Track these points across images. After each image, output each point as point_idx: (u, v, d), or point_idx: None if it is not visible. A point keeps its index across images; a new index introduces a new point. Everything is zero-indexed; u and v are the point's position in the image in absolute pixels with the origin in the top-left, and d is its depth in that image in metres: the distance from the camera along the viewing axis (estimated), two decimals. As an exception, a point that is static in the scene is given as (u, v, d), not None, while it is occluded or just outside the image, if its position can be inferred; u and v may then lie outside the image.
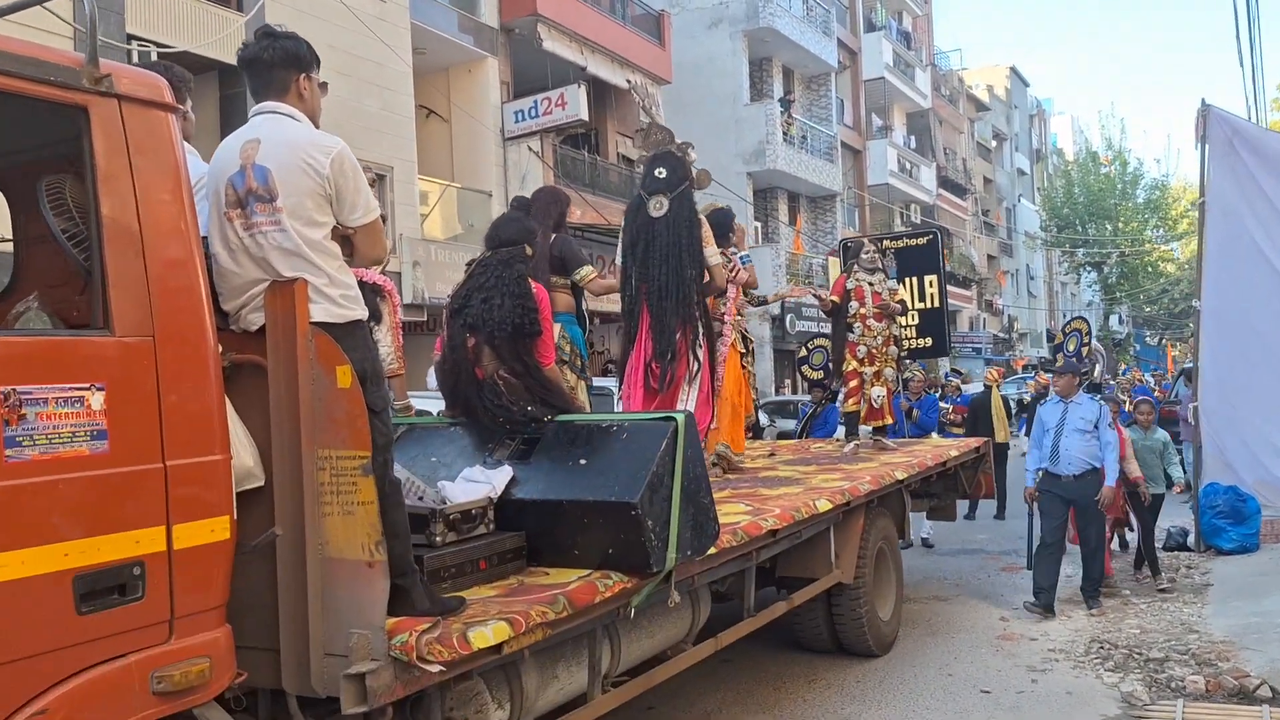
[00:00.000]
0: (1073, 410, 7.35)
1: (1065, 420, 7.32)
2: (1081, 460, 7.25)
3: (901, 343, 8.69)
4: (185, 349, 2.48)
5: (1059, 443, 7.30)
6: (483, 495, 3.76)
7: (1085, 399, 7.50)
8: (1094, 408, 7.37)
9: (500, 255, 4.29)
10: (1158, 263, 46.61)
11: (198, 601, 2.47)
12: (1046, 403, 7.65)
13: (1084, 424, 7.26)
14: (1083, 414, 7.31)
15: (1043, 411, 7.55)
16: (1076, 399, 7.42)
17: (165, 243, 2.47)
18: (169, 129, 2.55)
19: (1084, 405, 7.39)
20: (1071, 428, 7.28)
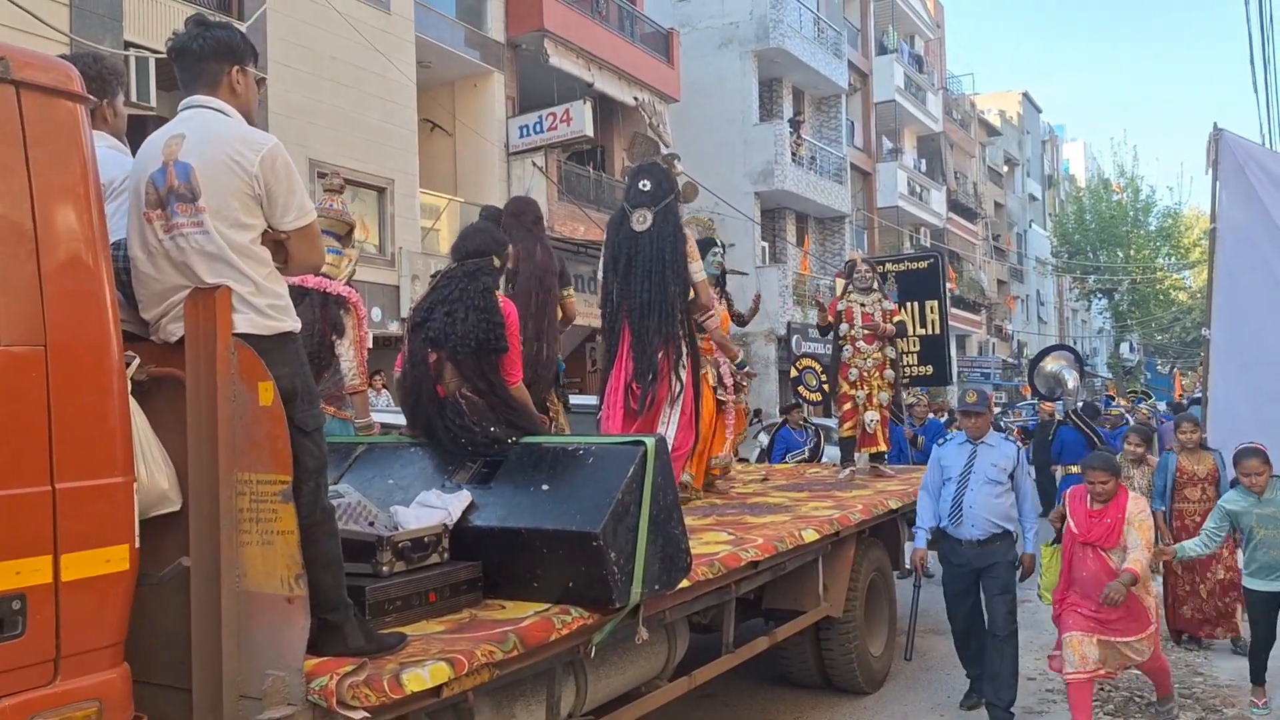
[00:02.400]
0: (983, 455, 5.54)
1: (973, 467, 5.53)
2: (987, 521, 5.47)
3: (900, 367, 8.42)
4: (84, 361, 2.26)
5: (962, 496, 5.53)
6: (437, 522, 3.52)
7: (1000, 440, 5.67)
8: (1010, 450, 5.60)
9: (466, 267, 4.07)
10: (1169, 291, 46.26)
11: (89, 639, 2.24)
12: (948, 443, 5.88)
13: (996, 472, 5.50)
14: (995, 459, 5.53)
15: (942, 454, 5.76)
16: (989, 439, 5.59)
17: (64, 244, 2.25)
18: (76, 121, 2.33)
19: (998, 448, 5.57)
20: (980, 477, 5.50)
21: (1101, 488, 5.13)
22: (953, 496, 5.54)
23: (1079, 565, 5.21)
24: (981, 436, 5.55)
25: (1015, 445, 5.68)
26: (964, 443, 5.63)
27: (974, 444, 5.57)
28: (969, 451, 5.57)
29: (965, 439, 5.63)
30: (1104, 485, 5.13)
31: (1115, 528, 5.12)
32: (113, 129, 2.95)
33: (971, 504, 5.48)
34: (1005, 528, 5.50)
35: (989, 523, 5.45)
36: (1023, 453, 5.71)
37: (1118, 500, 5.17)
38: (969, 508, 5.48)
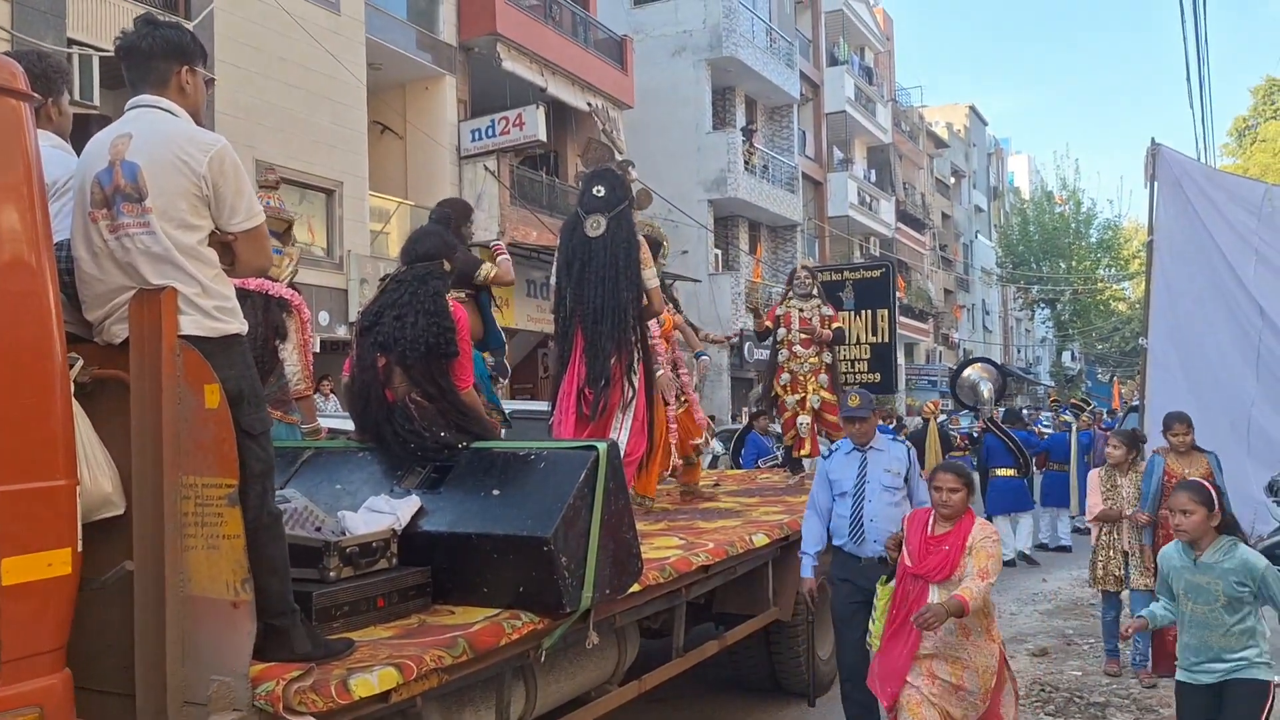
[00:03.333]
0: (874, 461, 4.95)
1: (866, 476, 4.92)
2: (890, 533, 4.75)
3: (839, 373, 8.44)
4: (25, 362, 2.22)
5: (861, 510, 4.87)
6: (386, 527, 3.50)
7: (888, 442, 5.11)
8: (900, 452, 5.06)
9: (416, 270, 4.05)
10: (1110, 301, 47.30)
11: (29, 644, 2.20)
12: (833, 454, 5.19)
13: (890, 478, 4.92)
14: (887, 463, 4.95)
15: (830, 467, 5.07)
16: (877, 443, 5.00)
17: (6, 244, 2.21)
18: (19, 119, 2.29)
19: (888, 451, 5.00)
20: (876, 485, 4.91)
21: (950, 496, 4.24)
22: (850, 512, 4.87)
23: (905, 604, 4.24)
24: (869, 441, 4.98)
25: (905, 445, 5.18)
26: (851, 451, 5.00)
27: (862, 451, 4.96)
28: (859, 460, 4.95)
29: (852, 447, 5.00)
30: (952, 494, 4.23)
31: (953, 557, 4.18)
32: (57, 128, 2.90)
33: (872, 516, 4.83)
34: None
35: (890, 534, 4.75)
36: (913, 452, 5.18)
37: (962, 524, 4.28)
38: (870, 521, 4.83)
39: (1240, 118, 35.31)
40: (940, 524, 4.31)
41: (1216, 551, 3.93)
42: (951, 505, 4.26)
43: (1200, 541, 3.95)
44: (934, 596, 4.14)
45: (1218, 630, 3.89)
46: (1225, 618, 3.87)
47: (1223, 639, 3.88)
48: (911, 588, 4.26)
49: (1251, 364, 8.99)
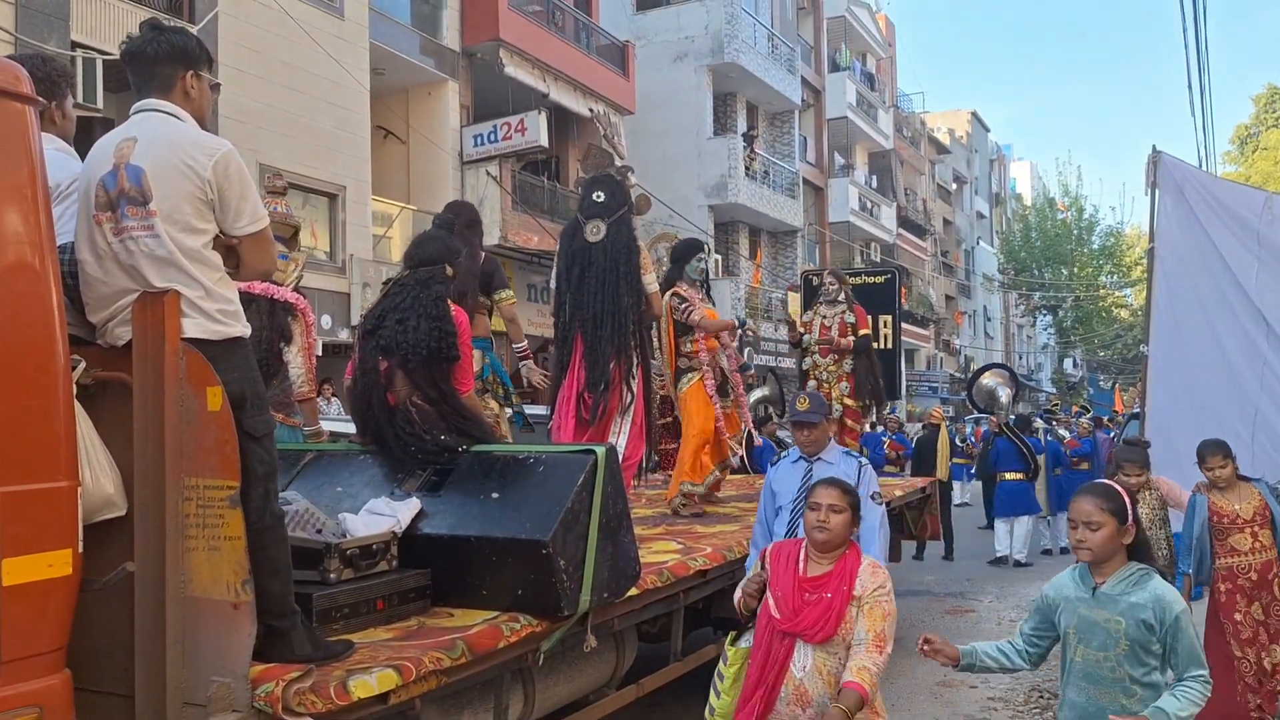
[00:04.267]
0: (820, 472, 4.20)
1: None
2: None
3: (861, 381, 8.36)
4: (28, 364, 2.24)
5: (798, 530, 4.06)
6: (386, 529, 3.52)
7: (840, 456, 4.44)
8: (849, 468, 4.30)
9: (419, 275, 4.07)
10: (1112, 308, 47.30)
11: (29, 645, 2.21)
12: (780, 461, 4.65)
13: None
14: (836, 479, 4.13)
15: (774, 477, 4.53)
16: (827, 455, 4.39)
17: (9, 246, 2.23)
18: (24, 122, 2.31)
19: (837, 466, 4.33)
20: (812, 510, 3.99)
21: (829, 516, 3.29)
22: (786, 527, 4.22)
23: (768, 670, 3.29)
24: (818, 452, 4.38)
25: (857, 461, 4.43)
26: (798, 461, 4.42)
27: (809, 462, 4.37)
28: (803, 472, 4.34)
29: (799, 456, 4.42)
30: (833, 513, 3.30)
31: (836, 608, 3.21)
32: (61, 131, 2.93)
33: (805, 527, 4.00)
34: None
35: None
36: (867, 470, 4.41)
37: (845, 563, 3.29)
38: None
39: (1242, 125, 35.37)
40: (816, 560, 3.29)
41: (1122, 581, 2.97)
42: (829, 530, 3.27)
43: (1105, 565, 2.99)
44: (805, 661, 3.22)
45: (1114, 687, 2.91)
46: (1127, 669, 2.91)
47: (1121, 698, 2.89)
48: (776, 648, 3.25)
49: (1256, 372, 9.00)
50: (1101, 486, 3.13)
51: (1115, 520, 2.97)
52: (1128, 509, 3.01)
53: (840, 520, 3.32)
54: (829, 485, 3.44)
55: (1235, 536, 5.28)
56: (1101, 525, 2.96)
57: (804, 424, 4.41)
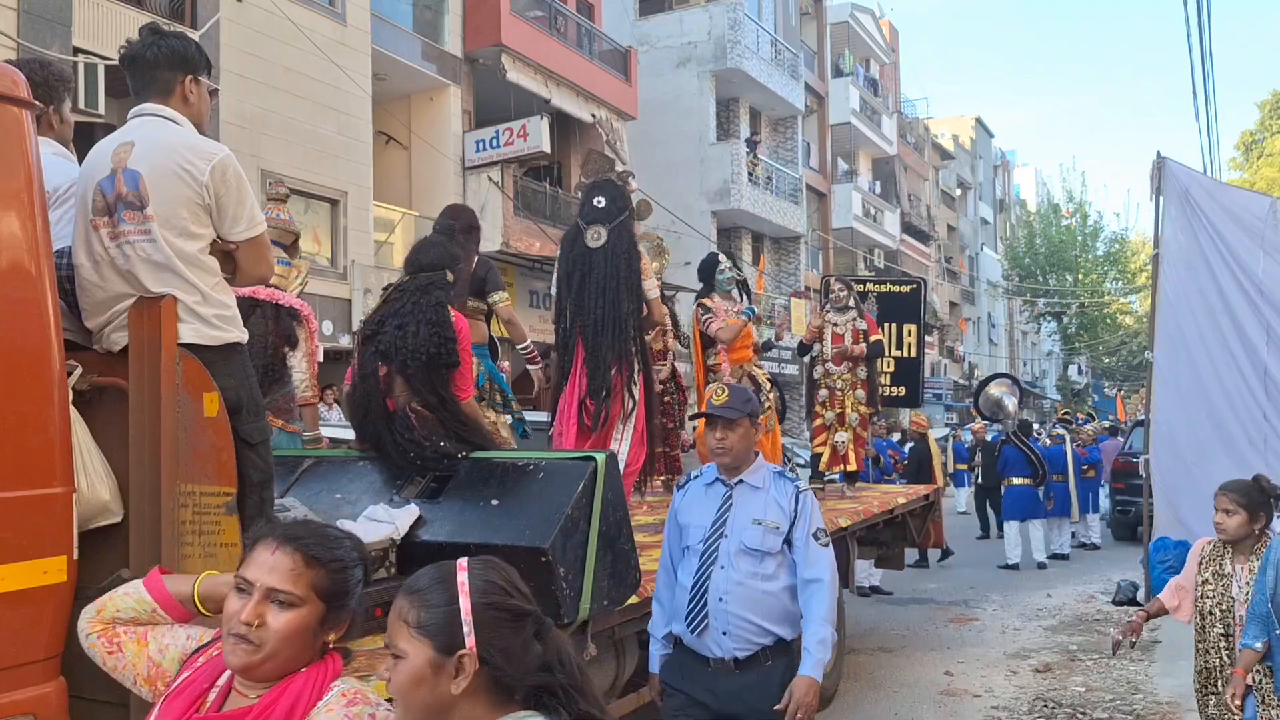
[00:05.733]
0: (741, 502, 3.28)
1: (725, 525, 3.27)
2: (748, 624, 3.19)
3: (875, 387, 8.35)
4: (23, 369, 2.23)
5: (706, 579, 3.22)
6: (384, 536, 3.49)
7: (772, 476, 3.34)
8: (785, 494, 3.28)
9: (419, 280, 4.05)
10: (1116, 315, 47.23)
11: (23, 652, 2.20)
12: (691, 484, 3.48)
13: (759, 534, 3.22)
14: (759, 510, 3.25)
15: (681, 504, 3.44)
16: (751, 475, 3.31)
17: (5, 250, 2.22)
18: (20, 126, 2.30)
19: (767, 490, 3.29)
20: (734, 543, 3.23)
21: None
22: (692, 579, 3.22)
23: None
24: (740, 471, 3.28)
25: (794, 486, 3.30)
26: (714, 483, 3.33)
27: (728, 484, 3.28)
28: (720, 498, 3.29)
29: (715, 476, 3.33)
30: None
31: None
32: (59, 136, 2.92)
33: (722, 593, 3.16)
34: (780, 635, 3.22)
35: (752, 627, 3.16)
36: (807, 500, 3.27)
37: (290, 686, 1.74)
38: (718, 600, 3.16)
39: (1247, 132, 35.32)
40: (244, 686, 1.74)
41: None
42: None
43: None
44: None
45: None
46: None
47: None
48: None
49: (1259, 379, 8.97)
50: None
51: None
52: None
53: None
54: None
55: None
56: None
57: (719, 419, 3.24)
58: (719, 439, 3.27)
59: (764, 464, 3.39)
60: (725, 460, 3.29)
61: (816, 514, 3.31)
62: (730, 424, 3.27)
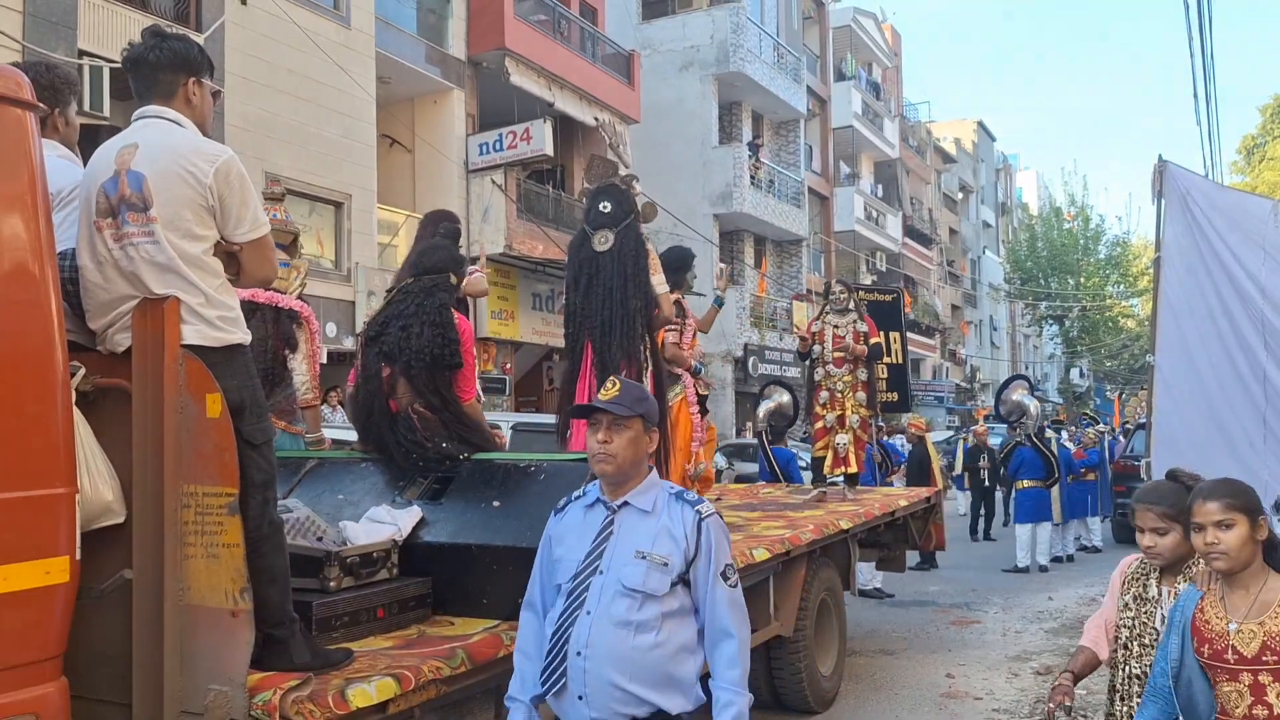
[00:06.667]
0: (625, 530, 2.61)
1: (600, 559, 2.59)
2: (615, 690, 2.49)
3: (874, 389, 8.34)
4: (27, 370, 2.24)
5: (569, 626, 2.54)
6: (386, 537, 3.51)
7: (667, 499, 2.64)
8: (683, 522, 2.59)
9: (423, 283, 4.08)
10: (1118, 318, 47.19)
11: (26, 652, 2.21)
12: (568, 506, 2.75)
13: (641, 572, 2.53)
14: (645, 540, 2.57)
15: (556, 531, 2.74)
16: (642, 495, 2.63)
17: (8, 252, 2.23)
18: (25, 129, 2.32)
19: (660, 515, 2.61)
20: (610, 583, 2.54)
21: None
22: (555, 627, 2.57)
23: None
24: (625, 489, 2.62)
25: (695, 512, 2.59)
26: (595, 504, 2.66)
27: (610, 509, 2.62)
28: (600, 523, 2.62)
29: (596, 497, 2.67)
30: None
31: None
32: (64, 138, 2.93)
33: (582, 646, 2.50)
34: (660, 706, 2.53)
35: (618, 693, 2.49)
36: (711, 525, 2.58)
37: None
38: (576, 654, 2.50)
39: (1249, 136, 35.28)
40: None
41: None
42: None
43: None
44: None
45: None
46: None
47: None
48: None
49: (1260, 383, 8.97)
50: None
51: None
52: None
53: None
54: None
55: (1225, 685, 2.57)
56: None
57: (606, 419, 2.57)
58: (600, 441, 2.57)
59: (658, 482, 2.68)
60: (607, 470, 2.59)
61: (724, 546, 2.61)
62: (617, 424, 2.57)
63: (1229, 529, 2.56)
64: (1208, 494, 2.64)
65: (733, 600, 2.60)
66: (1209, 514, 2.60)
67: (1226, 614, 2.60)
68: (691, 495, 2.69)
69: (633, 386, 2.73)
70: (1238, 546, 2.57)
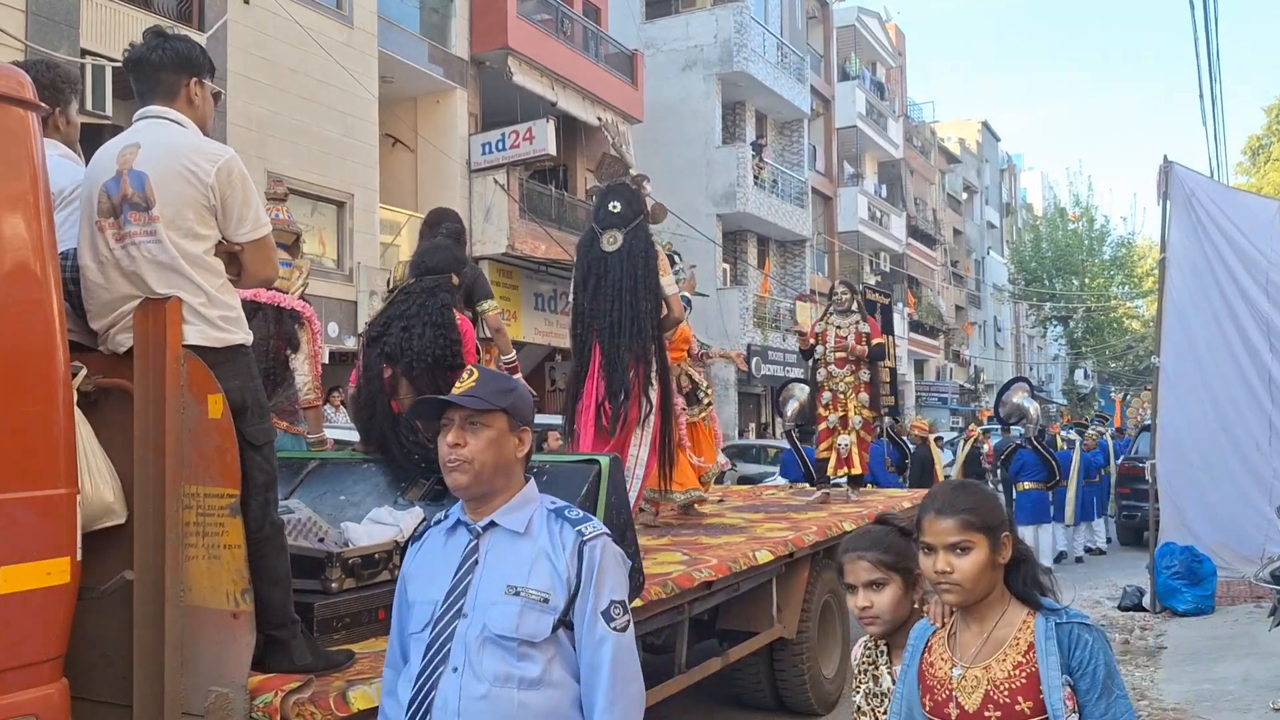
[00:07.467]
0: (495, 557, 2.04)
1: (466, 594, 2.02)
2: None
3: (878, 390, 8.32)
4: (28, 370, 2.23)
5: (435, 681, 1.96)
6: (388, 539, 3.50)
7: (544, 517, 2.08)
8: (565, 541, 2.04)
9: (425, 283, 4.07)
10: (1123, 319, 47.11)
11: (26, 653, 2.20)
12: (428, 533, 2.18)
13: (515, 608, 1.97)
14: (517, 569, 2.01)
15: (412, 567, 2.18)
16: (512, 513, 2.07)
17: (10, 251, 2.23)
18: (27, 128, 2.31)
19: (536, 538, 2.06)
20: (473, 628, 1.98)
21: None
22: (415, 681, 2.01)
23: None
24: (490, 505, 2.10)
25: (578, 531, 2.08)
26: (455, 527, 2.14)
27: (472, 531, 2.10)
28: (463, 550, 2.09)
29: (457, 519, 2.14)
30: None
31: None
32: (65, 138, 2.93)
33: (454, 712, 1.95)
34: None
35: None
36: (598, 551, 2.05)
37: None
38: (440, 710, 1.97)
39: (1254, 136, 35.18)
40: None
41: None
42: None
43: None
44: None
45: None
46: None
47: None
48: None
49: (1265, 384, 8.95)
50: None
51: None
52: None
53: None
54: None
55: None
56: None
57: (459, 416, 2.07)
58: (451, 445, 2.05)
59: (534, 495, 2.14)
60: (461, 481, 2.05)
61: (614, 575, 2.07)
62: (473, 422, 2.06)
63: (965, 553, 1.99)
64: (941, 506, 2.04)
65: (619, 650, 2.00)
66: (942, 533, 2.01)
67: (953, 655, 2.07)
68: (575, 512, 2.13)
69: (494, 375, 2.19)
70: (974, 575, 2.00)
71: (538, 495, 2.16)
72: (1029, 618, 2.02)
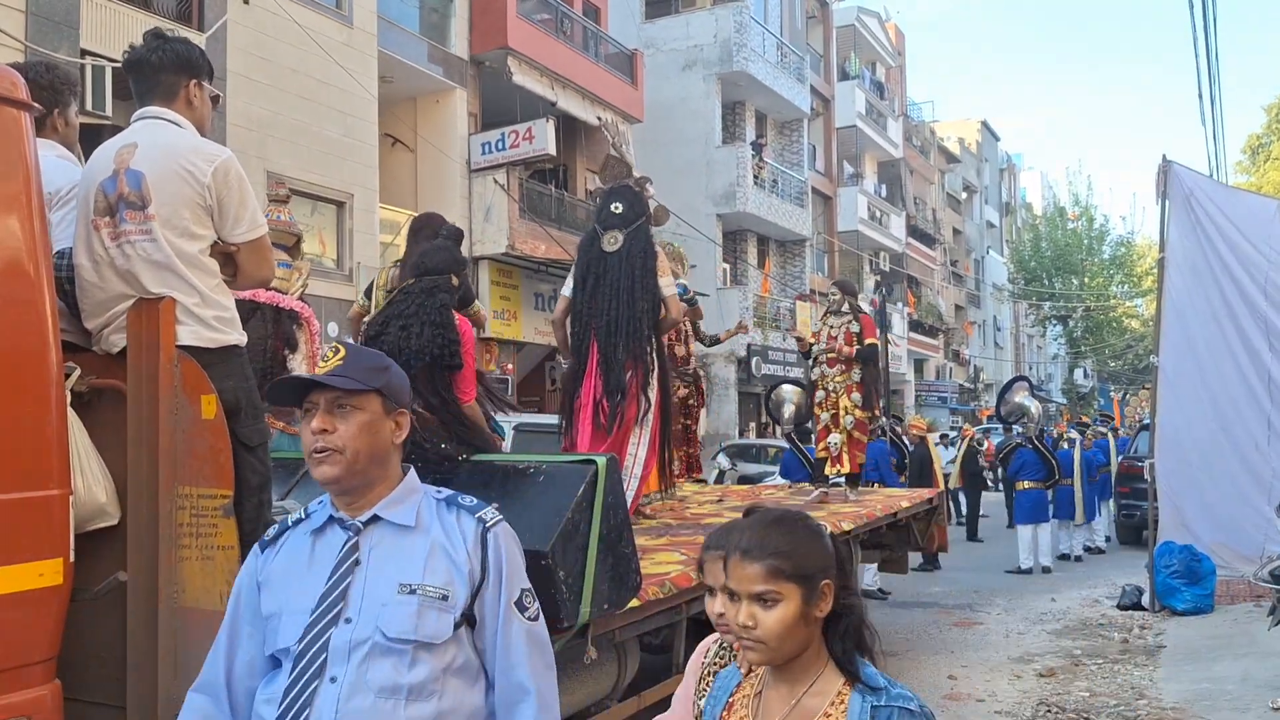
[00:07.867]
0: (379, 552, 1.83)
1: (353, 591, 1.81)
2: None
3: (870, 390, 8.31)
4: (21, 370, 2.22)
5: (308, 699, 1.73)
6: (385, 539, 3.49)
7: (434, 501, 1.92)
8: (464, 530, 1.88)
9: (424, 283, 4.05)
10: (1122, 318, 47.10)
11: (18, 654, 2.19)
12: (287, 533, 1.95)
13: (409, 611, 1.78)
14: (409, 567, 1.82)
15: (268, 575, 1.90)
16: (396, 506, 1.87)
17: (2, 251, 2.21)
18: (19, 128, 2.30)
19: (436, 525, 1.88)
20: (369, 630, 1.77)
21: None
22: (281, 707, 1.76)
23: None
24: (369, 498, 1.89)
25: (477, 520, 1.92)
26: (327, 524, 1.90)
27: (349, 529, 1.87)
28: (341, 548, 1.85)
29: (330, 513, 1.91)
30: None
31: None
32: (63, 138, 2.92)
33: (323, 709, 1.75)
34: None
35: None
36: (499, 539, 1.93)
37: None
38: None
39: (1253, 135, 35.16)
40: None
41: None
42: None
43: None
44: None
45: None
46: None
47: None
48: None
49: (1263, 383, 8.94)
50: None
51: None
52: None
53: None
54: None
55: None
56: None
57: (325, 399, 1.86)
58: (316, 431, 1.84)
59: (417, 485, 1.96)
60: (330, 473, 1.85)
61: (517, 564, 1.96)
62: (342, 405, 1.86)
63: (771, 605, 1.66)
64: (748, 547, 1.69)
65: (533, 639, 1.91)
66: (745, 580, 1.67)
67: (755, 719, 1.77)
68: (468, 499, 1.96)
69: (364, 353, 2.01)
70: (778, 633, 1.66)
71: (421, 486, 1.96)
72: (845, 688, 1.68)
